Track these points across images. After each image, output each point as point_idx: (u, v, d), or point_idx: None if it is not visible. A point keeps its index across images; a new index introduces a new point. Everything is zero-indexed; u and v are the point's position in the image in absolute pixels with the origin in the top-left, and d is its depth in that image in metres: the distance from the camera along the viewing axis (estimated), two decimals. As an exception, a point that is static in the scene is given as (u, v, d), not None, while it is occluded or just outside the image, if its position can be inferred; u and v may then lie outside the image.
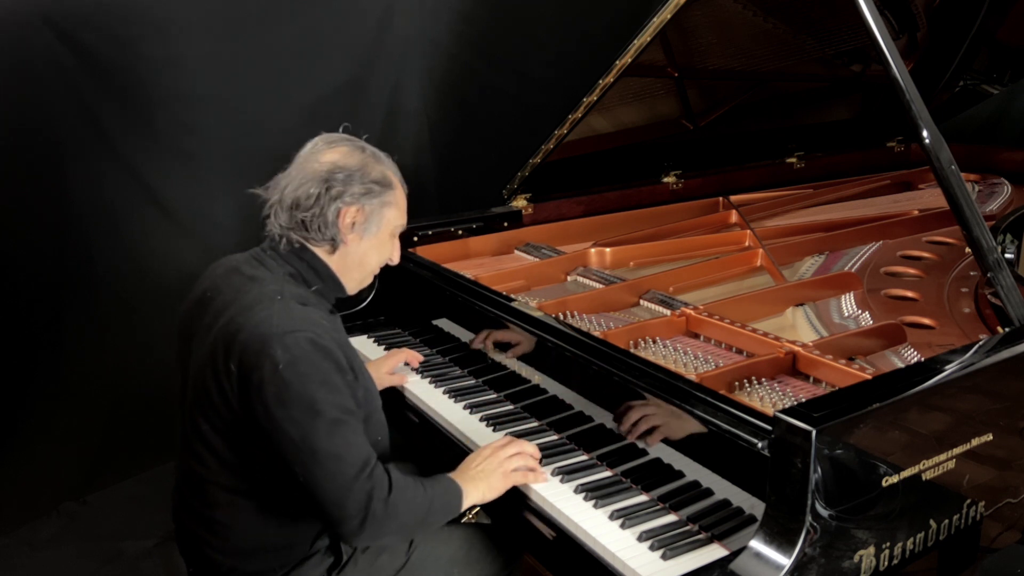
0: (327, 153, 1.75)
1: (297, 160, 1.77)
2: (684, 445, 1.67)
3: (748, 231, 2.77)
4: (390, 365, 2.29)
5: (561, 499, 1.72)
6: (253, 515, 1.71)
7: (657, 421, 1.71)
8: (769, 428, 1.45)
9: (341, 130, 1.84)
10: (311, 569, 1.76)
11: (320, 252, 1.77)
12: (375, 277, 2.59)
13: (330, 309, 1.80)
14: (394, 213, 1.80)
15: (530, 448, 1.81)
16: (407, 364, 2.34)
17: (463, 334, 2.35)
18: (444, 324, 2.44)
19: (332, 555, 1.78)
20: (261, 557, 1.74)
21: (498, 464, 1.76)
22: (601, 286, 2.42)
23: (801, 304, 2.27)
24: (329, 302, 1.81)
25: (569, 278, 2.59)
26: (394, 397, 2.27)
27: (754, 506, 1.53)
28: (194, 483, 1.75)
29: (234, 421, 1.64)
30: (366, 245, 1.79)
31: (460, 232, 2.76)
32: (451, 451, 2.01)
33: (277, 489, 1.69)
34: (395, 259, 1.88)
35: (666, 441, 1.70)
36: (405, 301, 2.62)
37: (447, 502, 1.70)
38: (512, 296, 2.21)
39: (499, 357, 2.19)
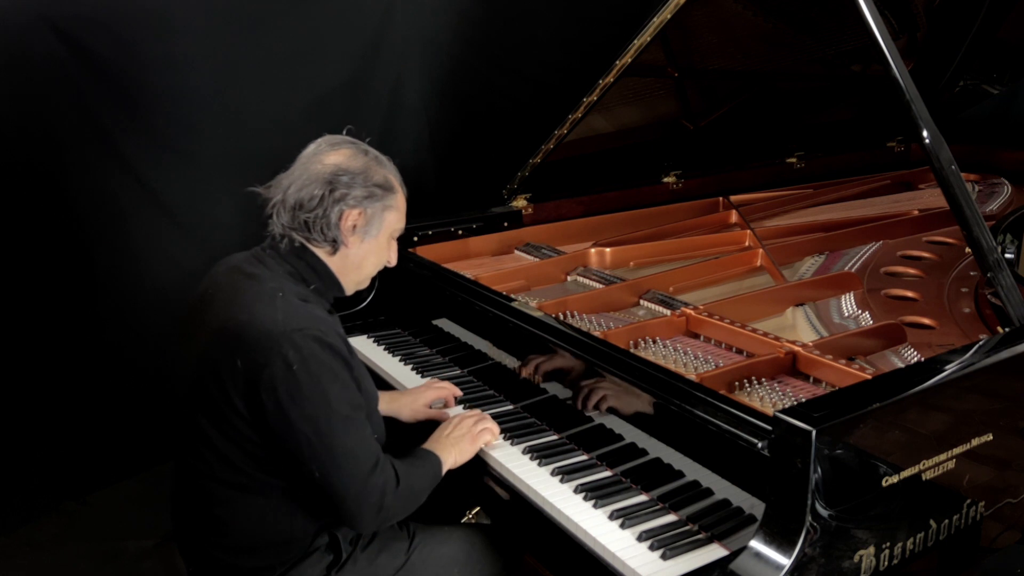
0: (330, 155, 1.77)
1: (300, 160, 1.78)
2: (684, 445, 1.67)
3: (748, 231, 2.77)
4: (428, 398, 2.14)
5: (561, 499, 1.72)
6: (252, 511, 1.72)
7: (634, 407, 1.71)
8: (769, 428, 1.45)
9: (345, 132, 1.85)
10: (310, 567, 1.76)
11: (321, 253, 1.78)
12: (375, 277, 2.64)
13: (328, 309, 1.81)
14: (394, 216, 1.83)
15: (490, 421, 1.95)
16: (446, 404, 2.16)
17: (463, 334, 2.35)
18: (444, 324, 2.44)
19: (331, 553, 1.78)
20: (260, 553, 1.74)
21: (466, 430, 1.90)
22: (601, 286, 2.42)
23: (801, 304, 2.27)
24: (328, 301, 1.82)
25: (569, 278, 2.59)
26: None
27: (754, 506, 1.53)
28: (193, 480, 1.75)
29: (235, 417, 1.64)
30: (366, 248, 1.81)
31: (460, 232, 2.76)
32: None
33: (276, 485, 1.71)
34: (393, 261, 1.90)
35: (664, 439, 1.71)
36: (405, 301, 2.62)
37: (435, 474, 1.80)
38: (512, 296, 2.21)
39: (500, 358, 2.20)
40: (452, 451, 1.85)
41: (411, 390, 2.17)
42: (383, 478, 1.66)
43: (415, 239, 2.67)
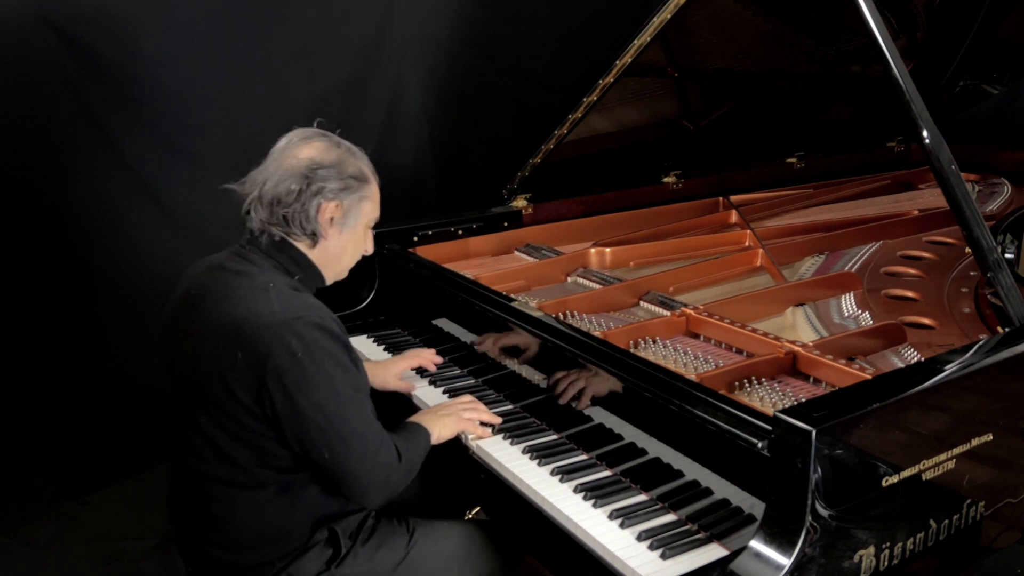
0: (303, 149, 1.78)
1: (272, 155, 1.80)
2: (684, 445, 1.67)
3: (748, 231, 2.77)
4: (400, 368, 2.26)
5: (560, 498, 1.72)
6: (250, 506, 1.73)
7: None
8: (769, 428, 1.45)
9: (316, 124, 1.87)
10: (310, 562, 1.76)
11: (301, 246, 1.81)
12: (376, 277, 2.64)
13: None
14: (370, 206, 1.86)
15: (484, 409, 2.01)
16: (420, 371, 2.31)
17: (463, 334, 2.35)
18: (444, 324, 2.44)
19: (331, 547, 1.79)
20: (259, 549, 1.75)
21: (455, 410, 1.97)
22: (601, 286, 2.42)
23: (801, 304, 2.27)
24: (311, 291, 1.84)
25: (569, 278, 2.59)
26: (390, 393, 2.27)
27: (754, 506, 1.53)
28: (191, 479, 1.76)
29: (239, 411, 1.65)
30: (344, 239, 1.84)
31: (460, 232, 2.76)
32: (450, 446, 2.01)
33: (274, 479, 1.72)
34: (369, 249, 1.94)
35: (664, 438, 1.71)
36: (405, 301, 2.62)
37: (426, 447, 1.87)
38: (512, 296, 2.21)
39: (500, 358, 2.19)
40: (437, 426, 1.92)
41: (384, 361, 2.26)
42: (389, 454, 1.72)
43: (415, 239, 2.67)
